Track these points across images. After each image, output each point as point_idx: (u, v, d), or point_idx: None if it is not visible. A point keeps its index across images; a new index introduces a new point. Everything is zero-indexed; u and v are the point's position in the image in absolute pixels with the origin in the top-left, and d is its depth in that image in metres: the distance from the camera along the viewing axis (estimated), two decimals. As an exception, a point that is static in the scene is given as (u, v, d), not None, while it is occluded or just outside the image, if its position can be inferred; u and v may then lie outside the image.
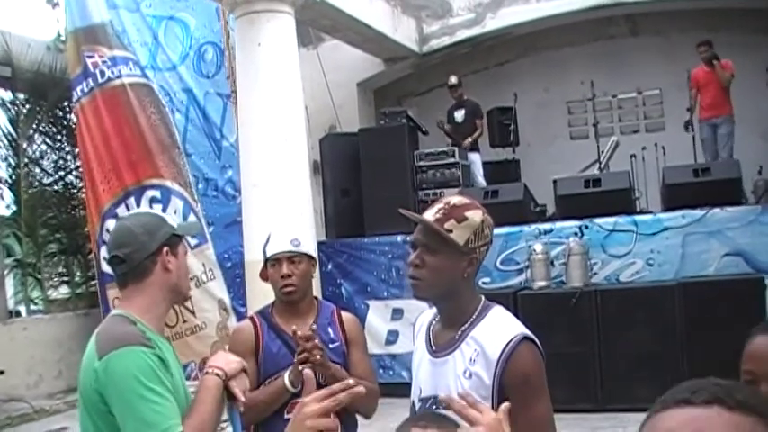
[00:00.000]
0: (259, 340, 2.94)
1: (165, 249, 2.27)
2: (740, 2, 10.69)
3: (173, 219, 2.38)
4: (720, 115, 9.84)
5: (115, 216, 9.48)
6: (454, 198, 2.14)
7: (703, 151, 9.93)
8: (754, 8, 10.63)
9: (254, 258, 6.99)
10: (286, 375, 2.78)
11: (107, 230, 9.55)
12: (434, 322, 2.22)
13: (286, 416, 2.83)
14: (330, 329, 3.00)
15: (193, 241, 9.11)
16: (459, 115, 10.96)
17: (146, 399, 2.03)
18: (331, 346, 2.92)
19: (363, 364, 3.05)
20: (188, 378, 9.12)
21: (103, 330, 2.21)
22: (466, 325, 2.08)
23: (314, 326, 2.86)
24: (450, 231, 2.03)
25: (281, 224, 6.86)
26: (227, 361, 2.31)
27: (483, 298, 2.16)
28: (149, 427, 2.02)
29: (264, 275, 3.09)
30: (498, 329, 2.02)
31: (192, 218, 9.39)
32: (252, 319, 3.08)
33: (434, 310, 2.22)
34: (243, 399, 2.27)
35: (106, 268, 9.63)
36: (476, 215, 2.07)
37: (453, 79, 11.01)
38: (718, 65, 9.73)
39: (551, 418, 1.99)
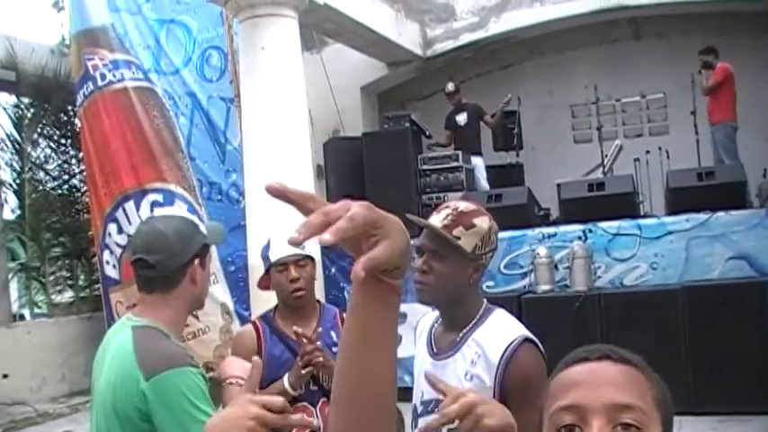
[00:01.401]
0: (261, 345, 2.94)
1: (197, 261, 2.21)
2: (744, 5, 10.68)
3: (200, 223, 2.32)
4: (714, 123, 9.86)
5: (115, 220, 9.47)
6: (461, 204, 2.13)
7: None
8: (759, 11, 10.62)
9: (257, 263, 6.96)
10: (285, 378, 2.78)
11: (109, 234, 9.55)
12: (436, 325, 2.22)
13: (288, 420, 2.82)
14: (333, 333, 2.99)
15: (197, 245, 9.10)
16: (462, 118, 10.93)
17: (196, 420, 2.00)
18: (334, 349, 2.91)
19: None
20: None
21: (144, 348, 2.10)
22: (467, 327, 2.08)
23: (319, 329, 2.86)
24: (459, 238, 2.03)
25: (284, 228, 6.85)
26: (244, 369, 2.30)
27: (485, 301, 2.16)
28: None
29: (265, 284, 3.07)
30: (499, 332, 2.02)
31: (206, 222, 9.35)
32: (254, 323, 3.08)
33: (436, 313, 2.22)
34: None
35: (109, 272, 9.63)
36: (483, 222, 2.07)
37: (450, 86, 10.99)
38: (704, 73, 9.80)
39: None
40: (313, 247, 3.14)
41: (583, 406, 1.06)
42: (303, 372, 2.74)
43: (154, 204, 9.44)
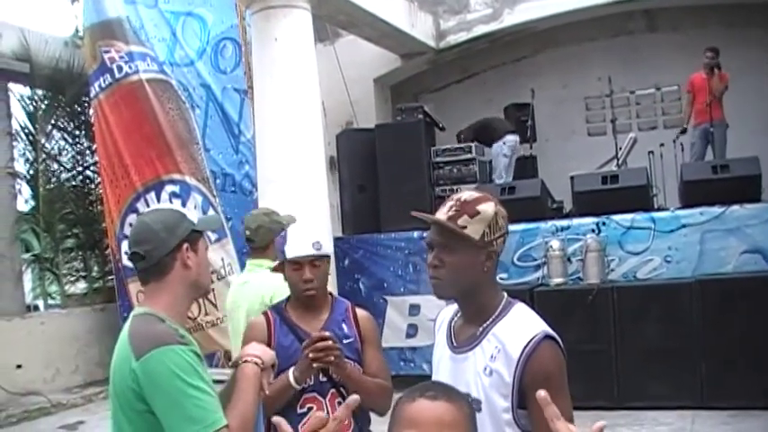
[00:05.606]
0: (272, 335, 2.95)
1: (185, 246, 2.27)
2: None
3: (193, 213, 2.37)
4: (714, 120, 9.85)
5: (135, 211, 9.49)
6: (464, 194, 2.11)
7: (691, 155, 9.99)
8: (773, 4, 10.53)
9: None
10: (291, 372, 2.79)
11: (130, 224, 9.56)
12: (456, 318, 2.20)
13: (299, 410, 2.84)
14: (344, 325, 3.00)
15: (213, 236, 9.12)
16: None
17: (188, 395, 2.05)
18: (345, 341, 2.92)
19: (377, 362, 3.05)
20: (215, 366, 9.13)
21: (136, 331, 2.20)
22: (488, 321, 2.06)
23: (326, 332, 2.84)
24: (465, 227, 2.01)
25: (297, 220, 6.83)
26: (263, 350, 2.35)
27: (505, 294, 2.14)
28: (195, 423, 2.04)
29: (279, 269, 3.10)
30: (520, 327, 2.00)
31: (211, 213, 9.40)
32: (265, 314, 3.09)
33: (455, 306, 2.20)
34: (267, 391, 2.31)
35: (128, 263, 9.66)
36: (488, 207, 2.04)
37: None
38: (717, 74, 9.84)
39: (571, 418, 1.96)
40: (327, 242, 3.15)
41: None
42: (314, 366, 2.75)
43: (172, 195, 9.48)
